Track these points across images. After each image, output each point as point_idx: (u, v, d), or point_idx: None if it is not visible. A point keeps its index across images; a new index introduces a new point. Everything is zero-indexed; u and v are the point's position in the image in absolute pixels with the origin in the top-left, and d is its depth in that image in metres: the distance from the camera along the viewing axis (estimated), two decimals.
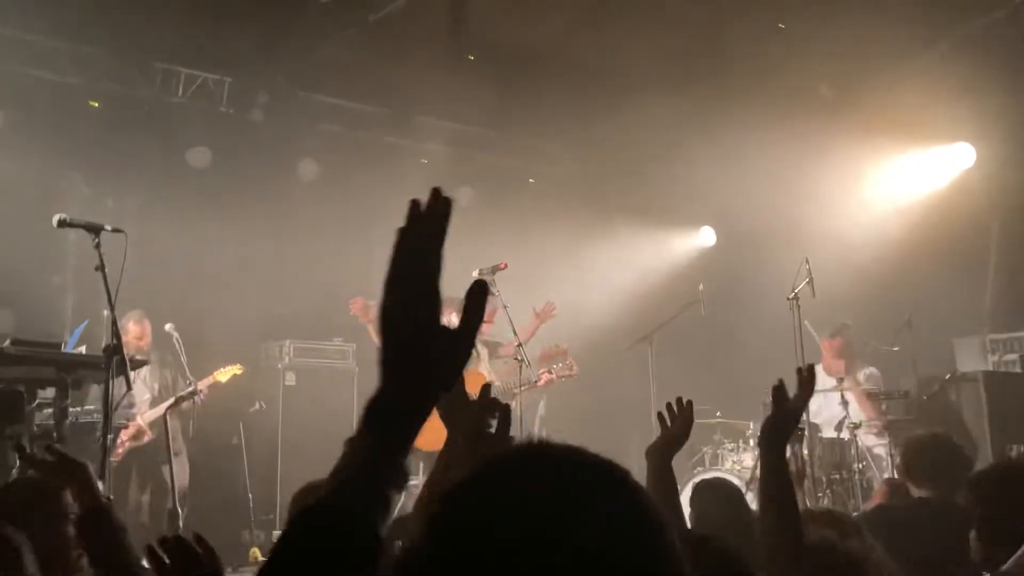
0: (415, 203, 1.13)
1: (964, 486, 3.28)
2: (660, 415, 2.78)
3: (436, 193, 1.13)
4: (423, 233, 1.10)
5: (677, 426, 2.72)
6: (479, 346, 6.88)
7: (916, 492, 3.87)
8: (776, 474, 2.19)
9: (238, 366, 7.32)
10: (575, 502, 0.85)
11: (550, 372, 6.65)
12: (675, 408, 2.75)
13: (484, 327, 6.56)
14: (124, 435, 6.86)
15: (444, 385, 1.06)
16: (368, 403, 1.06)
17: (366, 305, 7.04)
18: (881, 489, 5.00)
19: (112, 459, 6.64)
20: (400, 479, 1.01)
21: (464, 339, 1.06)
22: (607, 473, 0.90)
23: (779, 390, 2.33)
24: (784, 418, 2.30)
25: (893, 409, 6.90)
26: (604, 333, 8.23)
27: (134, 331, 7.10)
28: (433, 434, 5.18)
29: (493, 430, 1.81)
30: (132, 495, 6.85)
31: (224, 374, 7.22)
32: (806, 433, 6.04)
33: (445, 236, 1.09)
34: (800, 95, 8.22)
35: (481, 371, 6.82)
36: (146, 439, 6.98)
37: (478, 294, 1.09)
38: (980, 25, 7.55)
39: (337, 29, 7.56)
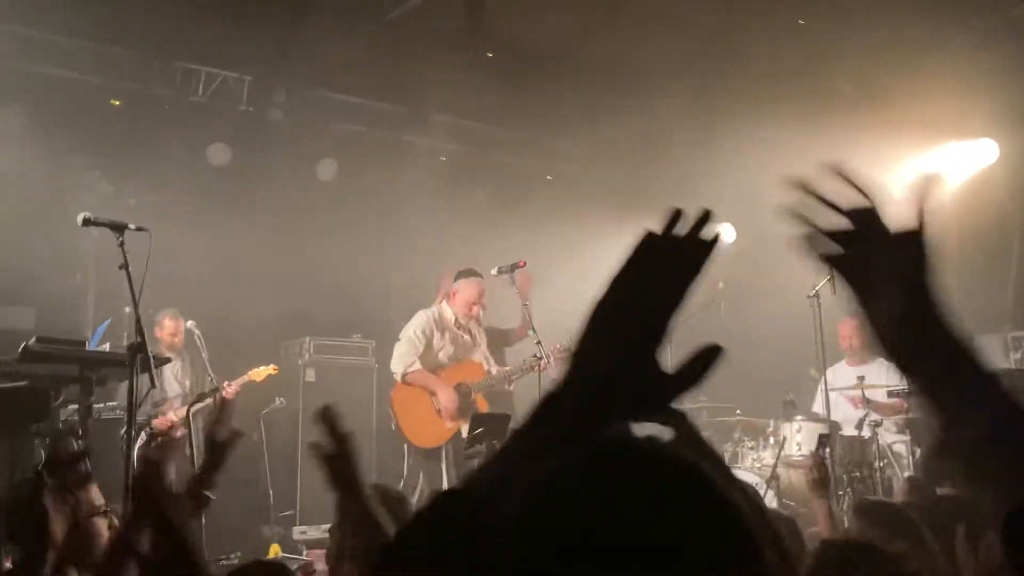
0: (677, 213, 1.02)
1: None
2: None
3: (706, 216, 1.02)
4: (677, 259, 1.01)
5: None
6: (476, 332, 6.82)
7: (940, 490, 3.84)
8: None
9: (272, 367, 7.46)
10: (658, 499, 0.83)
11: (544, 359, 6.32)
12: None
13: (474, 309, 6.50)
14: (159, 429, 6.96)
15: (623, 418, 0.97)
16: (544, 397, 0.99)
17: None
18: (903, 488, 4.96)
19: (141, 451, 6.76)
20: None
21: (672, 393, 0.99)
22: (691, 472, 0.87)
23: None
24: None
25: (914, 406, 6.86)
26: None
27: (169, 327, 7.23)
28: (428, 430, 5.14)
29: None
30: None
31: (259, 374, 7.34)
32: (830, 435, 6.01)
33: (697, 274, 0.99)
34: (820, 92, 8.17)
35: (477, 359, 6.74)
36: (178, 434, 7.06)
37: (706, 358, 0.99)
38: (1001, 20, 7.48)
39: (354, 28, 7.58)
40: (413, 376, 6.47)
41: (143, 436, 6.91)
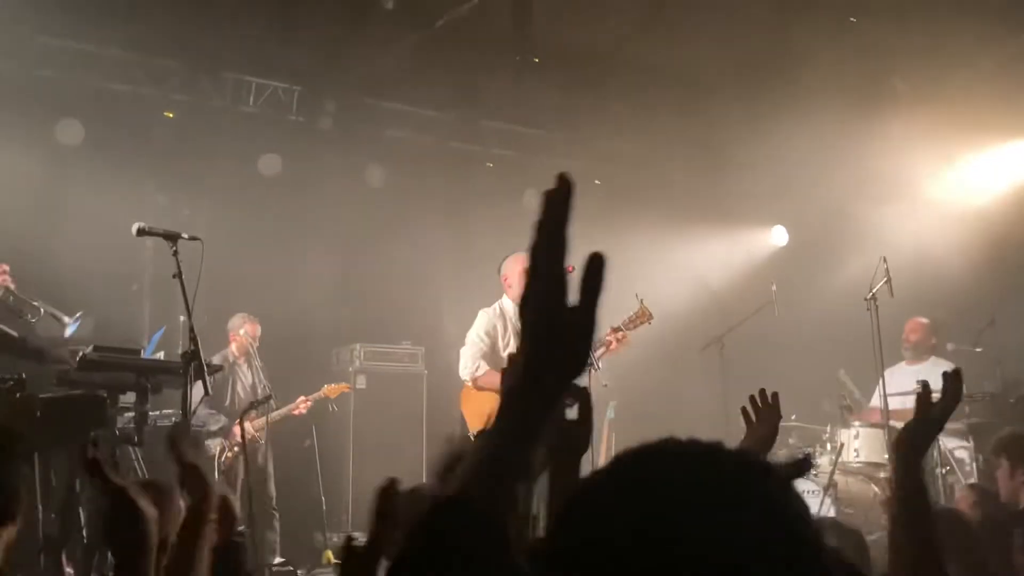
0: (545, 194, 1.10)
1: None
2: (744, 410, 2.36)
3: (560, 178, 1.11)
4: (550, 221, 1.07)
5: (764, 425, 2.31)
6: None
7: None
8: (913, 486, 1.98)
9: (345, 384, 7.70)
10: (707, 498, 0.83)
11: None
12: (759, 402, 2.33)
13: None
14: (232, 440, 7.03)
15: (574, 370, 1.02)
16: (505, 393, 1.04)
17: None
18: (965, 496, 4.80)
19: (223, 461, 6.88)
20: (526, 473, 1.01)
21: (584, 317, 1.03)
22: (745, 468, 0.87)
23: (922, 397, 2.08)
24: (926, 428, 2.05)
25: (978, 411, 6.67)
26: (675, 335, 8.14)
27: (250, 330, 7.37)
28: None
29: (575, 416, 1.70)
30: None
31: (334, 391, 7.53)
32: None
33: (567, 218, 1.07)
34: (874, 90, 8.02)
35: None
36: (257, 445, 7.17)
37: (595, 267, 1.05)
38: None
39: (402, 36, 7.62)
40: (483, 380, 6.14)
41: (216, 445, 7.00)
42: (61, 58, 7.42)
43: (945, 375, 2.16)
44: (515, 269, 6.28)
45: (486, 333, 6.30)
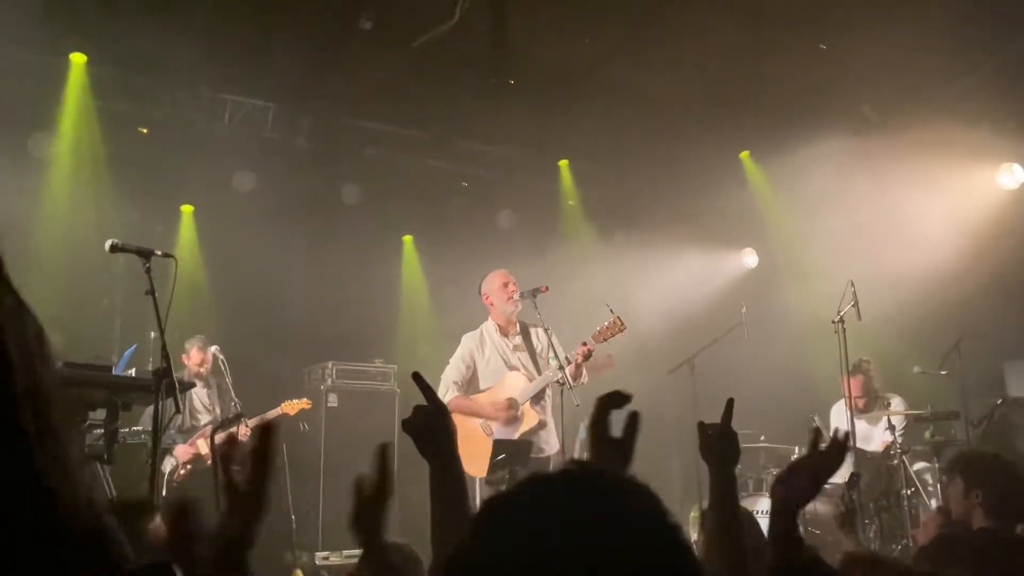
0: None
1: None
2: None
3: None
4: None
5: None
6: (534, 334, 6.27)
7: (979, 522, 3.68)
8: (785, 536, 1.86)
9: (306, 400, 7.54)
10: (580, 529, 0.86)
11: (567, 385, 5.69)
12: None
13: (509, 287, 6.20)
14: (182, 459, 7.00)
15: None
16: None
17: None
18: (934, 520, 4.85)
19: (175, 478, 6.81)
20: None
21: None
22: (620, 496, 0.91)
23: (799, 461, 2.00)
24: (800, 488, 1.93)
25: (942, 432, 6.77)
26: (646, 356, 8.19)
27: (196, 357, 7.29)
28: (479, 462, 4.93)
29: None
30: None
31: (292, 407, 7.42)
32: (861, 475, 5.92)
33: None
34: (843, 116, 8.16)
35: (524, 367, 6.15)
36: (208, 463, 7.10)
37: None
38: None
39: (379, 55, 7.66)
40: (451, 404, 5.94)
41: (169, 463, 6.96)
42: (34, 70, 7.38)
43: (835, 433, 2.05)
44: (493, 286, 6.28)
45: (461, 360, 6.23)
